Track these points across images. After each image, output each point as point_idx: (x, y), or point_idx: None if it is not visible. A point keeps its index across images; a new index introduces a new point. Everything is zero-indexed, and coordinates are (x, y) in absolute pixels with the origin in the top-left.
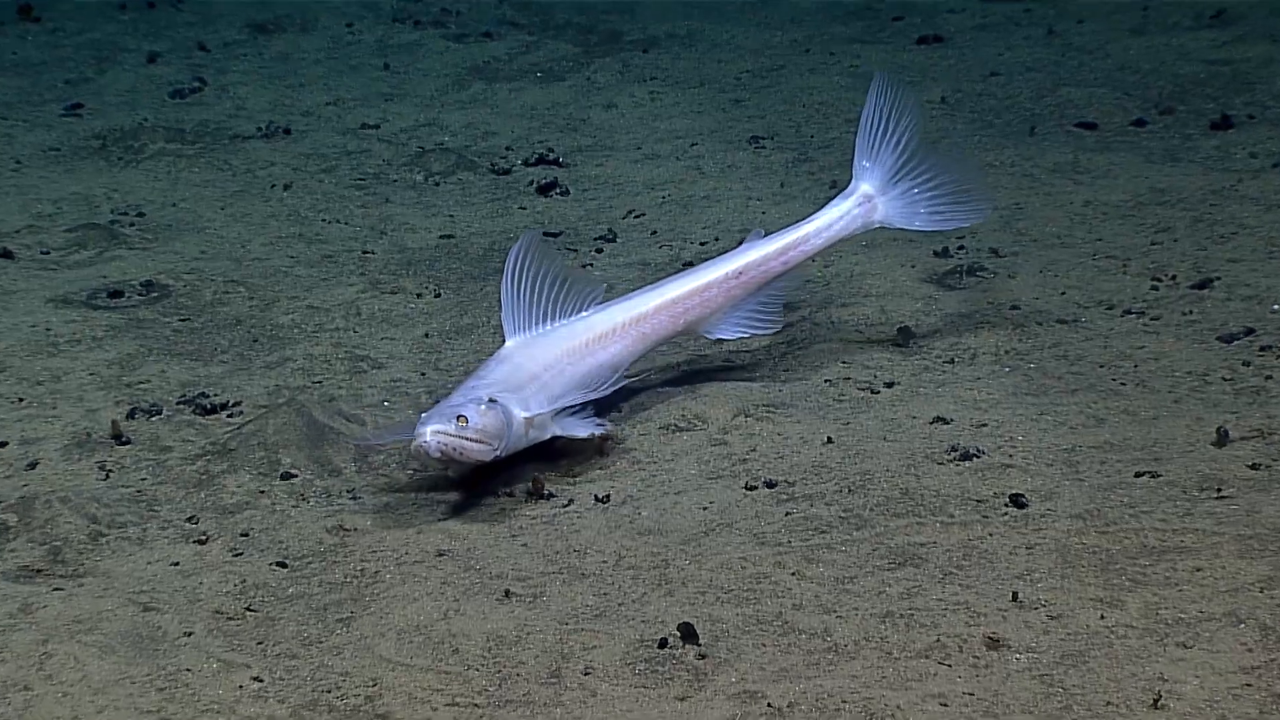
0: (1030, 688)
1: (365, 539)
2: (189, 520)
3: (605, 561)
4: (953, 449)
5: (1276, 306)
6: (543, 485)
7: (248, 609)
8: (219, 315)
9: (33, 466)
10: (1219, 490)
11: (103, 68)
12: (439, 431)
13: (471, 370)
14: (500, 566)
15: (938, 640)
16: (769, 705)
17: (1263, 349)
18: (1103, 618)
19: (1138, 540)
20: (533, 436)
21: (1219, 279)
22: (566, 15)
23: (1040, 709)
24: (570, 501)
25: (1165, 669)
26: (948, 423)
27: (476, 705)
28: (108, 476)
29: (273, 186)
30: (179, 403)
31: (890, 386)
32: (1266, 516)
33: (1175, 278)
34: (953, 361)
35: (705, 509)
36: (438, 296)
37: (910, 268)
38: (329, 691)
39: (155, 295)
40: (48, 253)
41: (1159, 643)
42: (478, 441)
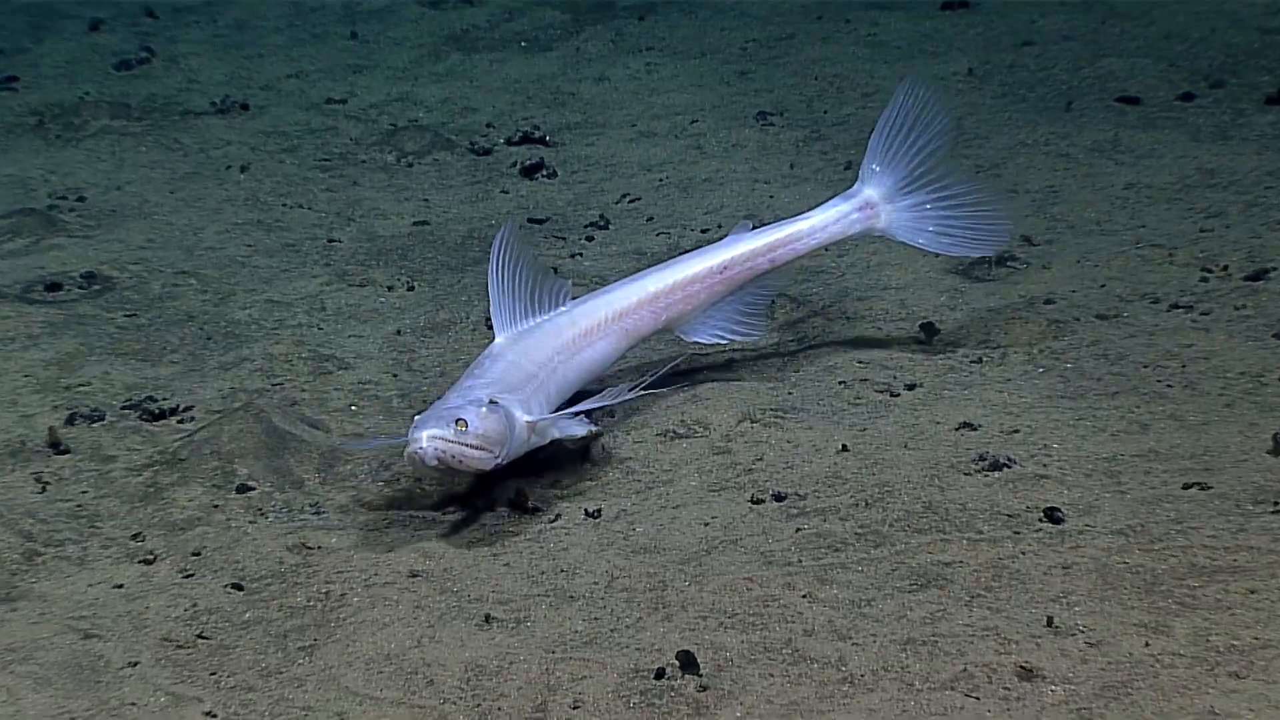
0: None
1: (330, 558)
2: (134, 538)
3: (596, 583)
4: (981, 458)
5: None
6: (527, 498)
7: (199, 636)
8: (168, 310)
9: None
10: (1276, 504)
11: (40, 36)
12: (436, 437)
13: (462, 369)
14: (480, 589)
15: (964, 670)
16: None
17: None
18: (1147, 645)
19: (1186, 559)
20: (533, 442)
21: (1275, 269)
22: None
23: None
24: (558, 516)
25: (1216, 701)
26: (975, 429)
27: None
28: (44, 489)
29: (228, 168)
30: (124, 407)
31: (912, 389)
32: None
33: (1227, 268)
34: (981, 361)
35: (707, 524)
36: (411, 289)
37: (934, 257)
38: None
39: (97, 288)
40: None
41: (1209, 672)
42: (478, 448)
